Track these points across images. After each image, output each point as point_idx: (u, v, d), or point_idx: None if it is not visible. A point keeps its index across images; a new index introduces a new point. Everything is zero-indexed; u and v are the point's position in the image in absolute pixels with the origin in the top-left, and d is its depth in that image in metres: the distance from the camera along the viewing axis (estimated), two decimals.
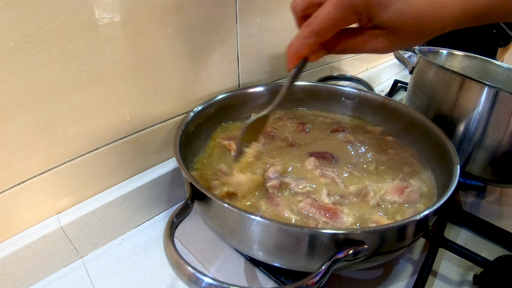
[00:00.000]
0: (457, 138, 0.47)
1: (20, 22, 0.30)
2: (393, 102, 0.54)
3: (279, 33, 0.60)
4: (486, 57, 0.65)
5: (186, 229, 0.45)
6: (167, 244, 0.27)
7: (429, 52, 0.67)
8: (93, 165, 0.40)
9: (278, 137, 0.50)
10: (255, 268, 0.40)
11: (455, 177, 0.35)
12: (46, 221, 0.38)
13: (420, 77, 0.56)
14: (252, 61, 0.57)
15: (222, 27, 0.49)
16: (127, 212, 0.44)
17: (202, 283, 0.24)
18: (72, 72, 0.35)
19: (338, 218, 0.34)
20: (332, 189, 0.39)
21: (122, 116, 0.41)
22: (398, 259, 0.42)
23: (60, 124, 0.36)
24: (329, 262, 0.26)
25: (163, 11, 0.40)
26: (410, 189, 0.39)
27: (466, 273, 0.40)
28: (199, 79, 0.49)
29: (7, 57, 0.30)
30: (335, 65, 0.83)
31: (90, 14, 0.34)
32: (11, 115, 0.32)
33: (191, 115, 0.45)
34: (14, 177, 0.34)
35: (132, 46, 0.39)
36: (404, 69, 1.18)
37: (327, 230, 0.28)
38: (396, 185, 0.40)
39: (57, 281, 0.38)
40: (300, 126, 0.53)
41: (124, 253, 0.42)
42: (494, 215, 0.50)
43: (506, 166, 0.46)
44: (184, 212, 0.31)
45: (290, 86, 0.36)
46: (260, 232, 0.30)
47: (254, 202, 0.37)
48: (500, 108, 0.42)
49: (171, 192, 0.49)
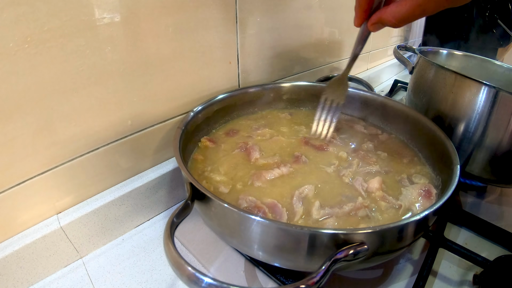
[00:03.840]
0: (457, 138, 0.47)
1: (20, 22, 0.30)
2: (393, 102, 0.54)
3: (279, 33, 0.60)
4: (486, 57, 0.65)
5: (186, 229, 0.45)
6: (167, 244, 0.26)
7: (429, 52, 0.67)
8: (93, 165, 0.40)
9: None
10: (255, 268, 0.40)
11: (455, 177, 0.35)
12: (46, 221, 0.38)
13: (420, 77, 0.56)
14: (252, 61, 0.57)
15: (222, 27, 0.49)
16: (127, 212, 0.44)
17: (202, 283, 0.24)
18: (72, 72, 0.35)
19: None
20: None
21: (122, 116, 0.41)
22: (398, 259, 0.42)
23: (60, 124, 0.36)
24: (329, 262, 0.26)
25: (163, 11, 0.40)
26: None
27: (466, 273, 0.40)
28: (199, 79, 0.49)
29: (7, 57, 0.30)
30: (335, 65, 0.83)
31: (90, 14, 0.34)
32: (11, 115, 0.32)
33: (191, 115, 0.45)
34: (14, 177, 0.34)
35: (132, 46, 0.39)
36: (404, 69, 1.18)
37: (327, 230, 0.28)
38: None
39: (57, 281, 0.38)
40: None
41: (124, 253, 0.42)
42: (494, 215, 0.50)
43: (506, 166, 0.46)
44: (184, 212, 0.30)
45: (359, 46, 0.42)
46: (260, 232, 0.30)
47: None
48: (500, 108, 0.42)
49: (171, 192, 0.49)
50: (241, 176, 0.41)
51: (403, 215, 0.37)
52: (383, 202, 0.38)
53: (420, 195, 0.39)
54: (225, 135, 0.50)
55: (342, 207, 0.36)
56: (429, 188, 0.40)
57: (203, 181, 0.40)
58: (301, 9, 0.63)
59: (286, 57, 0.64)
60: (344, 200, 0.38)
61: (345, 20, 0.80)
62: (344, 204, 0.37)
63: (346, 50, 0.86)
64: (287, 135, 0.51)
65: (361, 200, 0.37)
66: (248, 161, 0.44)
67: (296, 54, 0.67)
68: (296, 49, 0.67)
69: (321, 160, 0.45)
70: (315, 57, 0.74)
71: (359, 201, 0.37)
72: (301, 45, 0.68)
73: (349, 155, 0.46)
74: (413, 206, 0.38)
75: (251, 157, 0.44)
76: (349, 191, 0.39)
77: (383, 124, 0.55)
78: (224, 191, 0.39)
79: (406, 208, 0.37)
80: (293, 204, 0.37)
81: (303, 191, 0.38)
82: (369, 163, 0.45)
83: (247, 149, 0.46)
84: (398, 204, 0.38)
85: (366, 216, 0.36)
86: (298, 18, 0.64)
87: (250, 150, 0.45)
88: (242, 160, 0.44)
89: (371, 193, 0.39)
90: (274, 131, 0.52)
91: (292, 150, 0.47)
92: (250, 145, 0.46)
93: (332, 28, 0.76)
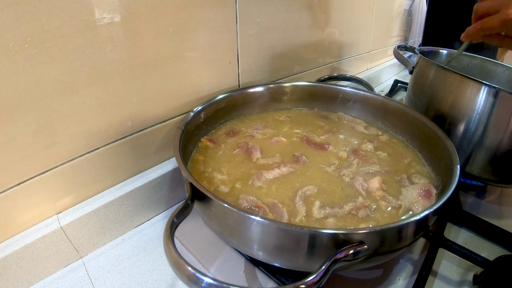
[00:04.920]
0: (457, 138, 0.47)
1: (20, 22, 0.30)
2: (393, 102, 0.54)
3: (279, 33, 0.60)
4: (486, 57, 0.65)
5: (186, 229, 0.45)
6: (167, 244, 0.26)
7: (429, 52, 0.67)
8: (93, 165, 0.40)
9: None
10: (255, 268, 0.40)
11: (455, 177, 0.35)
12: (46, 221, 0.38)
13: (420, 77, 0.56)
14: (252, 61, 0.57)
15: (222, 27, 0.49)
16: (127, 212, 0.44)
17: (202, 283, 0.24)
18: (72, 72, 0.35)
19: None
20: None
21: (122, 116, 0.41)
22: (398, 259, 0.42)
23: (60, 124, 0.36)
24: (329, 262, 0.26)
25: (163, 11, 0.40)
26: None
27: (466, 273, 0.40)
28: (199, 79, 0.49)
29: (7, 57, 0.30)
30: (335, 65, 0.83)
31: (90, 14, 0.34)
32: (11, 115, 0.32)
33: (191, 115, 0.45)
34: (14, 177, 0.34)
35: (132, 46, 0.39)
36: (404, 69, 1.18)
37: (327, 230, 0.28)
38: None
39: (57, 281, 0.38)
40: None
41: (124, 253, 0.42)
42: (494, 215, 0.50)
43: (506, 166, 0.46)
44: (184, 212, 0.30)
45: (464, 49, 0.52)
46: (260, 232, 0.30)
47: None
48: (500, 108, 0.42)
49: (171, 192, 0.49)
50: (241, 176, 0.41)
51: (403, 215, 0.37)
52: (383, 202, 0.38)
53: (420, 195, 0.39)
54: (225, 135, 0.50)
55: (342, 207, 0.36)
56: (429, 188, 0.40)
57: (203, 181, 0.40)
58: (301, 9, 0.63)
59: (286, 57, 0.64)
60: (344, 200, 0.38)
61: (345, 20, 0.80)
62: (344, 204, 0.37)
63: (346, 50, 0.86)
64: (288, 135, 0.51)
65: (361, 200, 0.37)
66: (248, 161, 0.44)
67: (296, 54, 0.67)
68: (296, 49, 0.67)
69: (321, 160, 0.45)
70: (315, 57, 0.74)
71: (359, 201, 0.37)
72: (301, 45, 0.68)
73: (349, 155, 0.46)
74: (413, 206, 0.38)
75: (252, 157, 0.44)
76: (349, 191, 0.39)
77: (383, 124, 0.55)
78: (224, 191, 0.39)
79: (406, 208, 0.37)
80: (295, 203, 0.37)
81: (305, 191, 0.38)
82: (369, 163, 0.45)
83: (248, 149, 0.46)
84: (398, 204, 0.38)
85: (366, 216, 0.36)
86: (298, 18, 0.64)
87: (251, 150, 0.45)
88: (242, 160, 0.44)
89: (371, 193, 0.39)
90: (274, 131, 0.52)
91: (293, 150, 0.47)
92: (251, 145, 0.46)
93: (332, 28, 0.76)
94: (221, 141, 0.48)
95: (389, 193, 0.39)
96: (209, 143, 0.47)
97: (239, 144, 0.47)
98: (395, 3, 1.06)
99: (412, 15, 1.21)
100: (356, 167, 0.43)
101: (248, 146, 0.46)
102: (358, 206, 0.36)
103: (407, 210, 0.37)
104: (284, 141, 0.49)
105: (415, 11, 1.21)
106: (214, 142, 0.48)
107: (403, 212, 0.37)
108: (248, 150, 0.46)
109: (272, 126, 0.53)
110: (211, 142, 0.48)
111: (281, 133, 0.51)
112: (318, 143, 0.49)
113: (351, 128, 0.54)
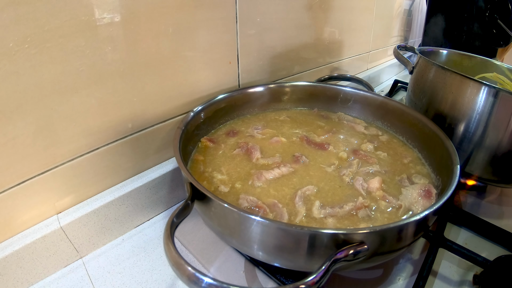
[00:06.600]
0: (457, 138, 0.47)
1: (20, 22, 0.30)
2: (393, 102, 0.54)
3: (279, 33, 0.60)
4: (486, 57, 0.65)
5: (186, 229, 0.45)
6: (167, 244, 0.26)
7: (429, 52, 0.67)
8: (93, 165, 0.40)
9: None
10: (255, 268, 0.40)
11: (455, 177, 0.35)
12: (46, 221, 0.38)
13: (420, 77, 0.56)
14: (252, 61, 0.57)
15: (222, 27, 0.49)
16: (127, 212, 0.44)
17: (202, 283, 0.24)
18: (72, 72, 0.35)
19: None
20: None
21: (122, 116, 0.41)
22: (398, 259, 0.42)
23: (60, 124, 0.36)
24: (329, 262, 0.26)
25: (163, 11, 0.40)
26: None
27: (466, 273, 0.40)
28: (199, 79, 0.49)
29: (7, 57, 0.30)
30: (335, 65, 0.83)
31: (90, 14, 0.34)
32: (11, 115, 0.32)
33: (191, 115, 0.45)
34: (14, 177, 0.34)
35: (132, 46, 0.39)
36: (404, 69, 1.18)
37: (327, 230, 0.28)
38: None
39: (57, 281, 0.38)
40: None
41: (124, 253, 0.42)
42: (494, 215, 0.50)
43: (506, 166, 0.46)
44: (184, 212, 0.30)
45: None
46: (260, 232, 0.30)
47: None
48: (500, 108, 0.42)
49: (171, 192, 0.49)
50: (241, 176, 0.41)
51: (403, 215, 0.37)
52: (383, 202, 0.38)
53: (420, 195, 0.39)
54: (225, 135, 0.50)
55: (342, 206, 0.36)
56: (429, 188, 0.40)
57: (203, 181, 0.40)
58: (301, 9, 0.63)
59: (286, 57, 0.64)
60: (344, 200, 0.38)
61: (345, 20, 0.80)
62: (344, 204, 0.37)
63: (346, 50, 0.86)
64: (288, 135, 0.51)
65: (361, 200, 0.37)
66: (248, 161, 0.44)
67: (296, 54, 0.67)
68: (296, 49, 0.67)
69: (321, 160, 0.45)
70: (315, 57, 0.74)
71: (359, 201, 0.37)
72: (301, 45, 0.68)
73: (349, 155, 0.46)
74: (413, 206, 0.38)
75: (252, 157, 0.44)
76: (349, 191, 0.39)
77: (383, 124, 0.55)
78: (224, 191, 0.39)
79: (406, 208, 0.37)
80: (295, 203, 0.37)
81: (305, 191, 0.38)
82: (369, 163, 0.45)
83: (248, 149, 0.46)
84: (398, 204, 0.38)
85: (366, 216, 0.36)
86: (298, 18, 0.64)
87: (251, 150, 0.45)
88: (242, 160, 0.44)
89: (371, 192, 0.39)
90: (274, 131, 0.52)
91: (293, 150, 0.47)
92: (251, 145, 0.46)
93: (332, 28, 0.76)
94: (221, 141, 0.48)
95: (389, 193, 0.39)
96: (209, 143, 0.47)
97: (239, 144, 0.47)
98: (395, 3, 1.06)
99: (412, 15, 1.21)
100: (356, 167, 0.43)
101: (248, 146, 0.46)
102: (358, 206, 0.36)
103: (407, 210, 0.37)
104: (284, 141, 0.49)
105: (415, 11, 1.21)
106: (214, 142, 0.48)
107: (403, 212, 0.37)
108: (248, 150, 0.46)
109: (272, 126, 0.53)
110: (211, 142, 0.48)
111: (281, 133, 0.51)
112: (318, 143, 0.49)
113: (351, 128, 0.54)
